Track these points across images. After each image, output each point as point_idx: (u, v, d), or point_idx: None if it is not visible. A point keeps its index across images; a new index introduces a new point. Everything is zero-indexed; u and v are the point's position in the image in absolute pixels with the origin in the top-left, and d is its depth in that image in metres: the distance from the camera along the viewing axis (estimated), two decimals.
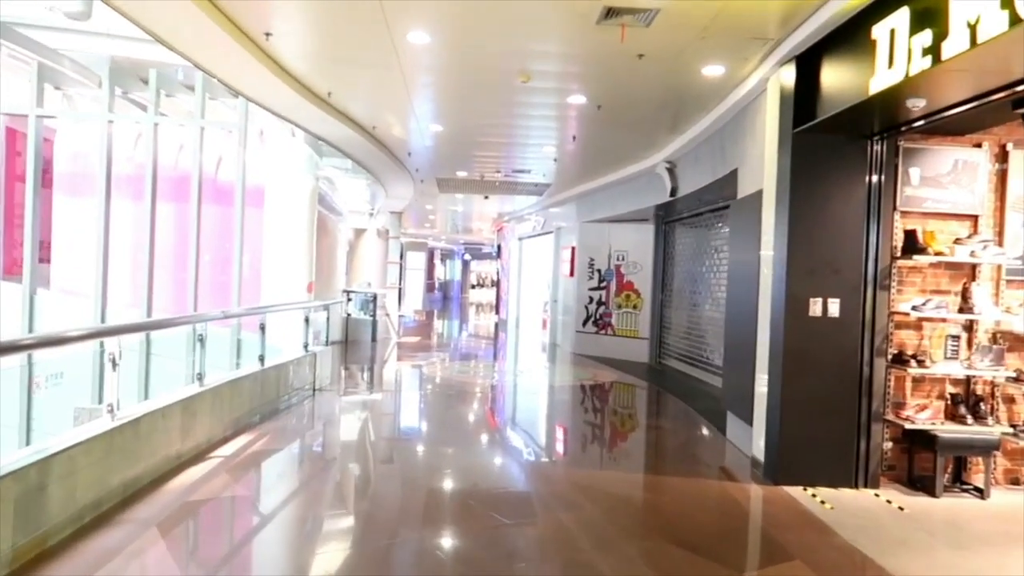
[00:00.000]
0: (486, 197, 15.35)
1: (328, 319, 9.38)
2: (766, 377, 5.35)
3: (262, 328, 7.00)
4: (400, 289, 20.26)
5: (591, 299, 13.18)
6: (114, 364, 4.22)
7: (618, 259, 12.90)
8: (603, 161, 10.56)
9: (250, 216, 9.12)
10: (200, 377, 5.62)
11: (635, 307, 12.67)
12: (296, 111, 7.39)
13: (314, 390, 8.34)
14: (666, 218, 11.81)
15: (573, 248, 13.70)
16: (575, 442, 6.99)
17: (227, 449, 5.57)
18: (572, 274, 13.70)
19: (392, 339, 15.54)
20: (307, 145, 10.03)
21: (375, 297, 14.66)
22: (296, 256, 9.26)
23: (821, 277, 5.09)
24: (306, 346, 8.27)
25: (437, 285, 40.81)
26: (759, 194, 5.76)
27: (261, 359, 6.94)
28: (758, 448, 5.48)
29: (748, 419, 5.80)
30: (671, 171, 9.30)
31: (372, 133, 8.92)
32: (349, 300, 14.74)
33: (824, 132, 5.01)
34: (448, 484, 5.08)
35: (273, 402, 7.09)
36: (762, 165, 5.74)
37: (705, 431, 7.14)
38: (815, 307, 5.08)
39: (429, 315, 26.31)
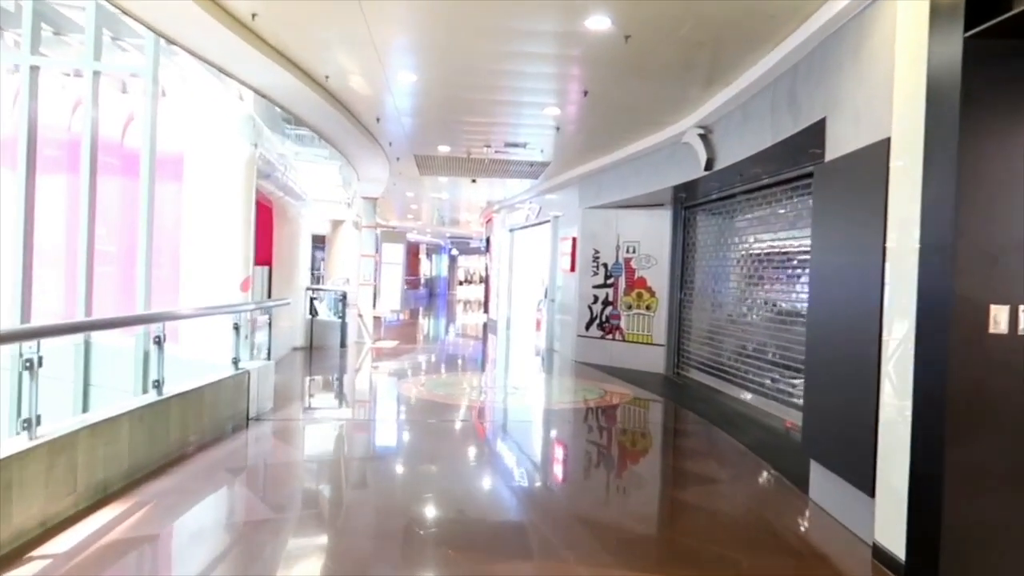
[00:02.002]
0: (473, 181, 13.37)
1: (271, 324, 7.34)
2: (908, 426, 3.44)
3: (157, 342, 5.00)
4: (375, 286, 18.20)
5: (595, 298, 11.26)
6: None
7: (628, 251, 10.97)
8: (617, 129, 8.61)
9: (168, 193, 7.09)
10: (29, 424, 3.63)
11: (648, 308, 10.75)
12: (207, 40, 5.38)
13: (247, 420, 6.36)
14: (688, 201, 9.90)
15: (574, 239, 11.78)
16: (606, 509, 5.00)
17: (71, 537, 3.57)
18: (573, 269, 11.78)
19: (366, 344, 13.55)
20: (249, 106, 8.03)
21: (344, 296, 12.67)
22: (228, 246, 7.20)
23: (1009, 271, 3.18)
24: (236, 362, 6.29)
25: (423, 281, 38.88)
26: (880, 147, 3.85)
27: (157, 385, 4.96)
28: (888, 534, 3.58)
29: (861, 483, 3.90)
30: (705, 138, 7.39)
31: (325, 86, 6.92)
32: (314, 299, 12.76)
33: (1017, 36, 3.12)
34: None
35: (176, 446, 5.10)
36: (882, 105, 3.85)
37: (773, 484, 5.21)
38: (998, 319, 3.17)
39: (413, 314, 24.36)
